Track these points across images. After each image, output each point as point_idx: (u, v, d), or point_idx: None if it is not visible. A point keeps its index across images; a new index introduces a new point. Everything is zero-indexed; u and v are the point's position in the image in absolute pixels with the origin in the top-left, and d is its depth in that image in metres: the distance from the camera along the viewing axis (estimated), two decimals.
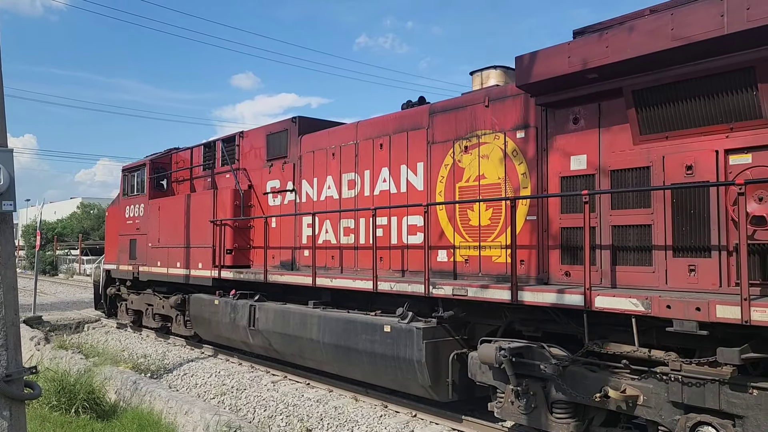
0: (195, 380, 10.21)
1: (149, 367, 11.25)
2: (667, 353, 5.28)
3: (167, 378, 10.53)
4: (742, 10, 4.59)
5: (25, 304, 18.36)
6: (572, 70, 5.71)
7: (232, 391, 9.34)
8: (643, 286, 5.56)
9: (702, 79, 5.16)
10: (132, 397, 8.57)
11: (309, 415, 7.93)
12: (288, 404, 8.39)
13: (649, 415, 5.32)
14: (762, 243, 4.88)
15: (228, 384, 9.67)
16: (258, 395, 8.93)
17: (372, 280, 7.71)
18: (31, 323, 15.22)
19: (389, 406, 8.02)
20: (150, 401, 8.19)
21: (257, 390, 9.18)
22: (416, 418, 7.60)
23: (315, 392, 8.91)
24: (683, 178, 5.35)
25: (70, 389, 7.85)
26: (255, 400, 8.77)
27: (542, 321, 6.39)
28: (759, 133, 4.95)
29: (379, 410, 7.89)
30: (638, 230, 5.68)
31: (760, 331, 4.64)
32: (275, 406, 8.41)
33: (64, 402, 7.73)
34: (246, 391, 9.19)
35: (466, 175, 7.33)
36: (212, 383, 9.88)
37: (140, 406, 8.15)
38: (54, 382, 7.92)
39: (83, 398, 7.81)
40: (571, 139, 6.26)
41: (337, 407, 8.04)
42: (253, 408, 8.50)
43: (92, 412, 7.80)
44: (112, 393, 8.90)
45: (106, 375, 9.11)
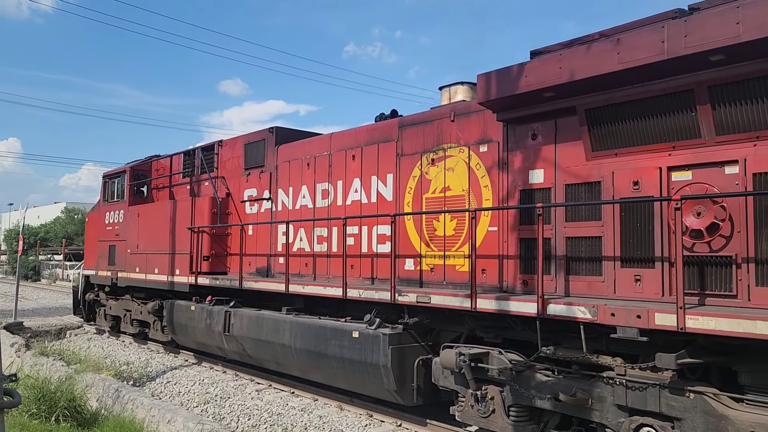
0: (178, 388, 10.12)
1: (132, 374, 11.16)
2: (613, 358, 5.56)
3: (150, 386, 10.41)
4: (680, 36, 4.91)
5: (6, 310, 18.34)
6: (529, 89, 6.01)
7: (215, 399, 9.27)
8: (594, 295, 5.85)
9: (647, 100, 5.49)
10: (114, 405, 8.51)
11: (293, 424, 7.88)
12: (272, 413, 8.35)
13: (596, 418, 5.60)
14: (700, 255, 5.19)
15: (212, 392, 9.61)
16: (242, 404, 8.87)
17: (342, 287, 7.94)
18: (11, 329, 15.09)
19: (374, 415, 8.00)
20: (132, 409, 8.12)
21: (241, 398, 9.15)
22: (401, 427, 7.62)
23: (300, 401, 8.87)
24: (631, 192, 5.66)
25: (51, 397, 7.71)
26: (239, 408, 8.71)
27: (502, 328, 6.66)
28: (698, 151, 5.27)
29: (364, 419, 7.89)
30: (590, 242, 5.98)
31: (696, 338, 4.94)
32: (259, 414, 8.34)
33: (44, 410, 7.60)
34: (230, 400, 9.13)
35: (433, 186, 7.61)
36: (196, 391, 9.80)
37: (122, 414, 8.05)
38: (34, 390, 7.79)
39: (64, 406, 7.67)
40: (530, 154, 6.56)
41: (322, 416, 8.03)
42: (237, 417, 8.42)
43: (73, 420, 7.66)
44: (93, 401, 8.79)
45: (88, 382, 9.00)
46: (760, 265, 4.88)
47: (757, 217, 4.90)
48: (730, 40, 4.63)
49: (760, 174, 4.92)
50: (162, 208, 12.44)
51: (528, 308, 5.83)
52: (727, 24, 4.65)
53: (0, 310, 19.40)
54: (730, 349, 4.92)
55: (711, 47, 4.75)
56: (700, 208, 5.11)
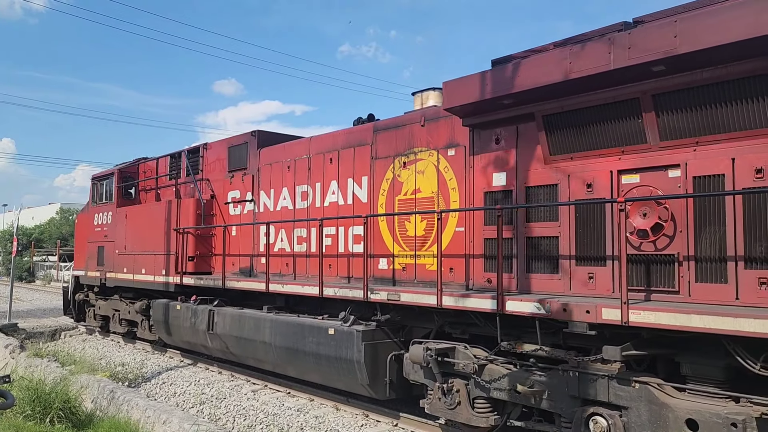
0: (174, 389, 10.12)
1: (127, 375, 11.18)
2: (567, 352, 5.87)
3: (145, 387, 10.43)
4: (624, 48, 5.23)
5: (1, 312, 18.10)
6: (489, 96, 6.32)
7: (211, 400, 9.27)
8: (552, 292, 6.16)
9: (598, 108, 5.80)
10: (109, 407, 8.49)
11: (289, 424, 7.91)
12: (268, 413, 8.36)
13: (552, 408, 5.91)
14: (647, 253, 5.51)
15: (207, 393, 9.62)
16: (238, 404, 8.91)
17: (318, 286, 8.24)
18: (6, 331, 15.12)
19: (370, 415, 8.05)
20: (127, 410, 8.10)
21: (237, 399, 9.17)
22: (397, 427, 7.66)
23: (296, 401, 8.90)
24: (585, 195, 5.98)
25: (46, 398, 7.66)
26: (235, 409, 8.73)
27: (468, 324, 6.96)
28: (644, 156, 5.59)
29: (360, 419, 7.94)
30: (548, 241, 6.29)
31: (640, 331, 5.25)
32: (255, 415, 8.36)
33: (38, 411, 7.54)
34: (226, 400, 9.15)
35: (405, 188, 7.91)
36: (191, 392, 9.81)
37: (117, 416, 8.03)
38: (29, 391, 7.74)
39: (59, 407, 7.63)
40: (494, 158, 6.87)
41: (318, 416, 8.07)
42: (232, 417, 8.43)
43: (68, 421, 7.62)
44: (88, 402, 8.78)
45: (83, 384, 8.98)
46: (699, 263, 5.20)
47: (697, 218, 5.22)
48: (669, 52, 4.95)
49: (699, 177, 5.24)
50: (149, 210, 12.71)
51: (488, 305, 6.14)
52: (665, 37, 4.97)
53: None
54: (673, 341, 5.24)
55: (652, 59, 5.06)
56: (646, 210, 5.43)
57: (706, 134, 5.19)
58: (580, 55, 5.54)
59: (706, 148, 5.20)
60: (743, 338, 4.52)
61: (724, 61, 4.87)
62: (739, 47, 4.64)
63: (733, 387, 4.94)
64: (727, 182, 5.05)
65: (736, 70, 4.89)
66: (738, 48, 4.65)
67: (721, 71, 4.96)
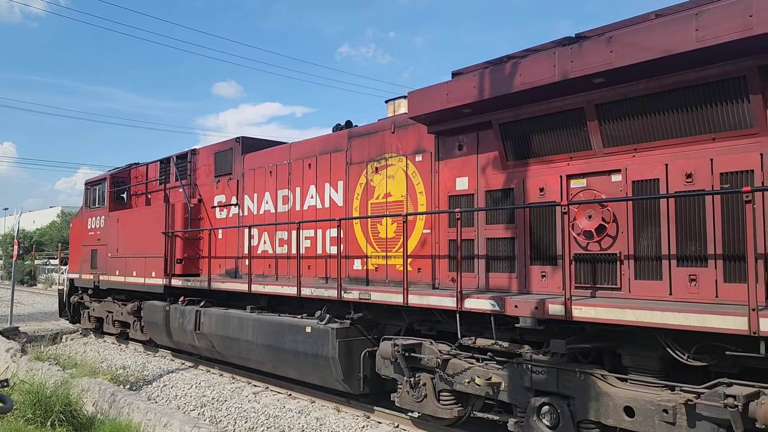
0: (175, 392, 10.11)
1: (128, 378, 11.14)
2: (521, 346, 6.25)
3: (146, 389, 10.40)
4: (568, 62, 5.61)
5: (2, 315, 18.23)
6: (450, 106, 6.70)
7: (212, 402, 9.26)
8: (510, 290, 6.54)
9: (547, 116, 6.18)
10: (110, 410, 8.47)
11: (290, 426, 7.91)
12: (269, 416, 8.36)
13: (508, 399, 6.28)
14: (592, 253, 5.89)
15: (208, 395, 9.61)
16: (239, 406, 8.90)
17: (296, 286, 8.62)
18: (7, 334, 15.14)
19: (371, 417, 8.08)
20: (128, 413, 8.09)
21: (238, 401, 9.17)
22: (398, 428, 7.68)
23: (297, 403, 8.92)
24: (538, 198, 6.36)
25: (46, 402, 7.66)
26: (236, 411, 8.72)
27: (434, 321, 7.34)
28: (590, 162, 5.97)
29: (361, 421, 7.95)
30: (506, 242, 6.67)
31: (583, 325, 5.63)
32: (256, 417, 8.35)
33: (39, 415, 7.52)
34: (227, 403, 9.14)
35: (377, 192, 8.29)
36: (192, 395, 9.80)
37: (118, 419, 8.01)
38: (29, 395, 7.72)
39: (59, 411, 7.61)
40: (457, 163, 7.25)
41: (319, 418, 8.06)
42: (233, 420, 8.43)
43: (69, 425, 7.60)
44: (89, 405, 8.76)
45: (84, 387, 8.98)
46: (638, 261, 5.58)
47: (636, 219, 5.60)
48: (606, 66, 5.33)
49: (637, 181, 5.62)
50: (139, 214, 13.10)
51: (448, 303, 6.51)
52: (603, 52, 5.35)
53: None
54: (615, 335, 5.61)
55: (592, 72, 5.44)
56: (591, 212, 5.81)
57: (643, 141, 5.57)
58: (528, 68, 5.92)
59: (644, 154, 5.58)
60: (674, 331, 4.90)
61: (655, 73, 5.25)
62: (667, 61, 5.02)
63: (672, 376, 5.30)
64: (662, 186, 5.42)
65: (666, 82, 5.27)
66: (665, 62, 5.03)
67: (654, 83, 5.34)
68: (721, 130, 5.09)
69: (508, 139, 6.60)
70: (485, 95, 6.33)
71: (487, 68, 6.46)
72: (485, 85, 6.32)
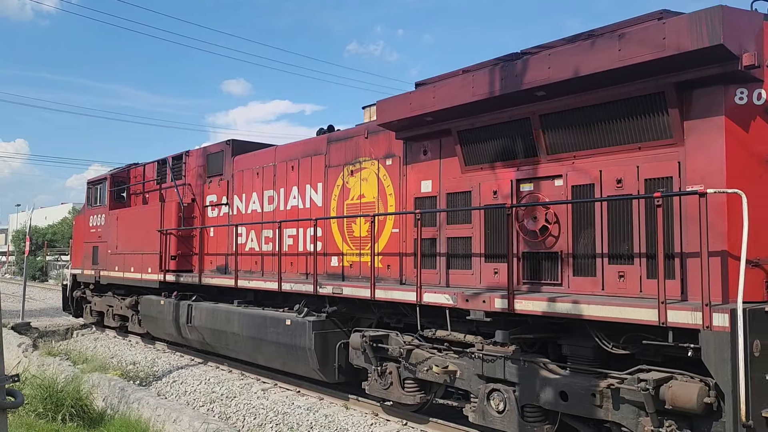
0: (184, 387, 10.18)
1: (138, 374, 11.27)
2: (475, 337, 6.77)
3: (156, 385, 10.48)
4: (513, 76, 6.11)
5: (14, 310, 18.53)
6: (413, 114, 7.21)
7: (221, 398, 9.35)
8: (466, 285, 7.05)
9: (499, 125, 6.68)
10: (120, 405, 8.53)
11: (299, 423, 7.95)
12: (278, 412, 8.41)
13: (463, 386, 6.81)
14: (538, 251, 6.39)
15: (218, 391, 9.70)
16: (248, 403, 8.96)
17: (277, 281, 9.17)
18: (19, 330, 15.30)
19: (380, 414, 8.09)
20: (138, 409, 8.12)
21: (247, 398, 9.22)
22: (407, 426, 7.68)
23: (305, 400, 8.96)
24: (492, 200, 6.87)
25: (57, 396, 7.78)
26: (245, 407, 8.79)
27: (402, 314, 7.86)
28: (536, 167, 6.47)
29: (369, 419, 7.97)
30: (464, 241, 7.19)
31: (526, 318, 6.14)
32: (265, 414, 8.43)
33: (50, 409, 7.64)
34: (236, 399, 9.21)
35: (352, 194, 8.83)
36: (202, 391, 9.88)
37: (128, 414, 8.08)
38: (41, 390, 7.85)
39: (70, 405, 7.72)
40: (422, 167, 7.77)
41: (328, 415, 8.12)
42: (242, 416, 8.50)
43: (79, 419, 7.70)
44: (99, 400, 8.82)
45: (94, 382, 9.05)
46: (577, 259, 6.08)
47: (575, 221, 6.10)
48: (545, 80, 5.83)
49: (576, 186, 6.11)
50: (136, 213, 13.71)
51: (410, 297, 7.04)
52: (542, 67, 5.85)
53: (8, 310, 19.59)
54: (556, 327, 6.12)
55: (533, 85, 5.94)
56: (536, 213, 6.32)
57: (581, 150, 6.06)
58: (479, 81, 6.43)
59: (582, 161, 6.08)
60: (603, 322, 5.40)
61: (589, 88, 5.74)
62: (596, 78, 5.51)
63: (610, 365, 5.77)
64: (596, 191, 5.92)
65: (598, 95, 5.76)
66: (595, 78, 5.52)
67: (588, 97, 5.83)
68: (646, 140, 5.58)
69: (465, 146, 7.11)
70: (445, 105, 6.83)
71: (445, 80, 6.97)
72: (444, 96, 6.83)
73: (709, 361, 4.66)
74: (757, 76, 5.07)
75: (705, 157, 5.20)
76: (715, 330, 4.58)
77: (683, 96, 5.33)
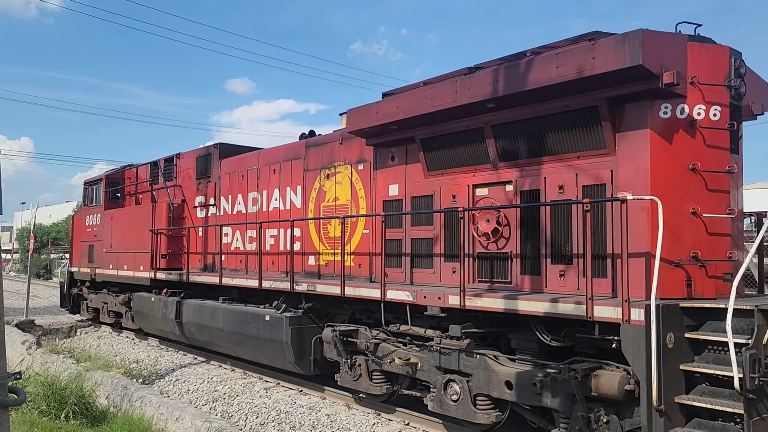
0: (187, 386, 10.26)
1: (141, 372, 11.33)
2: (434, 331, 7.25)
3: (159, 383, 10.56)
4: (466, 89, 6.59)
5: (18, 308, 18.56)
6: (379, 123, 7.70)
7: (224, 397, 9.40)
8: (429, 283, 7.53)
9: (457, 134, 7.16)
10: (122, 403, 8.56)
11: (301, 422, 7.97)
12: (280, 411, 8.44)
13: (423, 377, 7.29)
14: (491, 252, 6.87)
15: (220, 390, 9.75)
16: (250, 402, 9.00)
17: (258, 279, 9.67)
18: (23, 327, 15.32)
19: (382, 414, 8.09)
20: (141, 407, 8.16)
21: (249, 396, 9.26)
22: (409, 426, 7.69)
23: (308, 399, 8.98)
24: (450, 204, 7.35)
25: (61, 394, 7.80)
26: (247, 406, 8.82)
27: (372, 311, 8.35)
28: (490, 174, 6.95)
29: (371, 418, 7.99)
30: (426, 242, 7.67)
31: (476, 313, 6.62)
32: (267, 413, 8.46)
33: (53, 407, 7.65)
34: (238, 398, 9.25)
35: (328, 196, 9.32)
36: (204, 389, 9.94)
37: (131, 412, 8.10)
38: (44, 387, 7.87)
39: (73, 403, 7.75)
40: (390, 172, 8.25)
41: (330, 415, 8.14)
42: (245, 415, 8.54)
43: (82, 417, 7.72)
44: (102, 398, 8.86)
45: (97, 380, 9.07)
46: (524, 260, 6.56)
47: (523, 224, 6.58)
48: (492, 93, 6.30)
49: (524, 191, 6.59)
50: (129, 213, 14.23)
51: (375, 294, 7.53)
52: (491, 82, 6.32)
53: (12, 308, 19.54)
54: (507, 322, 6.60)
55: (483, 98, 6.42)
56: (489, 217, 6.80)
57: (529, 158, 6.54)
58: (437, 93, 6.91)
59: (529, 168, 6.55)
60: (543, 317, 5.88)
61: (533, 101, 6.22)
62: (538, 92, 5.98)
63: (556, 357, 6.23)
64: (542, 196, 6.40)
65: (542, 108, 6.24)
66: (537, 92, 6.00)
67: (533, 109, 6.31)
68: (584, 149, 6.05)
69: (428, 152, 7.59)
70: (408, 114, 7.31)
71: (408, 91, 7.46)
72: (405, 106, 7.32)
73: (627, 351, 5.13)
74: (680, 93, 5.54)
75: (633, 166, 5.68)
76: (633, 324, 5.06)
77: (615, 110, 5.80)
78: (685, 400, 5.00)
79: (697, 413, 5.07)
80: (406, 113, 7.29)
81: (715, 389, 5.00)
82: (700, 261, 5.56)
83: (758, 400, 4.67)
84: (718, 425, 4.91)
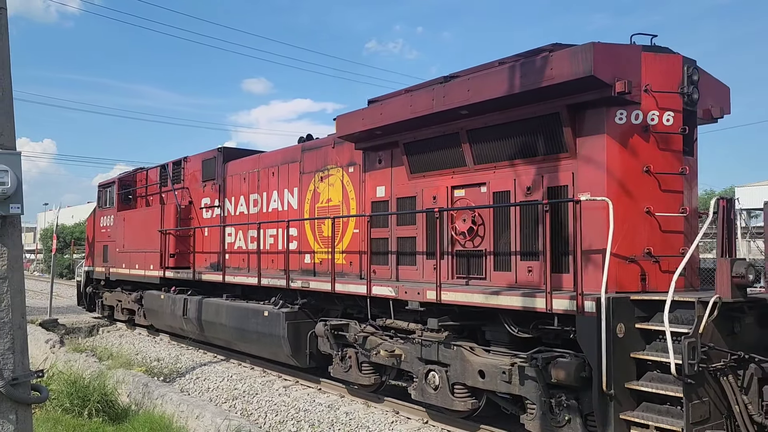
0: (207, 384, 10.37)
1: (162, 370, 11.41)
2: (417, 324, 7.70)
3: (180, 381, 10.64)
4: (441, 97, 7.02)
5: (42, 307, 19.03)
6: (365, 128, 8.16)
7: (243, 395, 9.49)
8: (412, 280, 7.98)
9: (436, 139, 7.60)
10: (144, 400, 8.66)
11: (320, 420, 8.02)
12: (299, 409, 8.49)
13: (407, 368, 7.75)
14: (467, 250, 7.30)
15: (240, 388, 9.86)
16: (269, 400, 9.07)
17: (257, 277, 10.20)
18: (47, 326, 15.56)
19: (401, 412, 8.13)
20: (162, 405, 8.21)
21: (269, 395, 9.36)
22: (428, 424, 7.72)
23: (326, 397, 9.02)
24: (431, 204, 7.78)
25: (84, 392, 7.91)
26: (266, 404, 8.90)
27: (362, 306, 8.82)
28: (466, 176, 7.37)
29: (390, 416, 8.04)
30: (410, 241, 8.12)
31: (453, 307, 7.05)
32: (286, 411, 8.51)
33: (77, 404, 7.77)
34: (257, 396, 9.33)
35: (322, 198, 9.81)
36: (224, 387, 10.06)
37: (152, 410, 8.19)
38: (67, 385, 7.99)
39: (96, 401, 7.86)
40: (377, 175, 8.71)
41: (349, 413, 8.18)
42: (264, 413, 8.60)
43: (104, 414, 7.84)
44: (124, 396, 8.99)
45: (119, 378, 9.22)
46: (497, 257, 6.98)
47: (496, 223, 7.00)
48: (465, 101, 6.73)
49: (497, 192, 7.01)
50: (140, 214, 14.86)
51: (362, 290, 8.00)
52: (463, 90, 6.75)
53: (36, 307, 19.91)
54: (482, 315, 7.02)
55: (457, 105, 6.85)
56: (465, 216, 7.23)
57: (500, 161, 6.96)
58: (416, 100, 7.36)
59: (501, 171, 6.97)
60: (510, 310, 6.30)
61: (502, 108, 6.64)
62: (506, 99, 6.40)
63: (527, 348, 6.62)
64: (512, 197, 6.81)
65: (510, 114, 6.65)
66: (506, 100, 6.41)
67: (503, 115, 6.73)
68: (549, 153, 6.46)
69: (410, 156, 8.03)
70: (391, 120, 7.77)
71: (391, 98, 7.91)
72: (388, 113, 7.78)
73: (582, 341, 5.55)
74: (634, 100, 5.93)
75: (592, 169, 6.08)
76: (586, 315, 5.47)
77: (577, 116, 6.20)
78: (635, 386, 5.40)
79: (648, 398, 5.47)
80: (389, 119, 7.75)
81: (663, 375, 5.39)
82: (654, 257, 5.95)
83: (698, 384, 5.06)
84: (663, 408, 5.30)
